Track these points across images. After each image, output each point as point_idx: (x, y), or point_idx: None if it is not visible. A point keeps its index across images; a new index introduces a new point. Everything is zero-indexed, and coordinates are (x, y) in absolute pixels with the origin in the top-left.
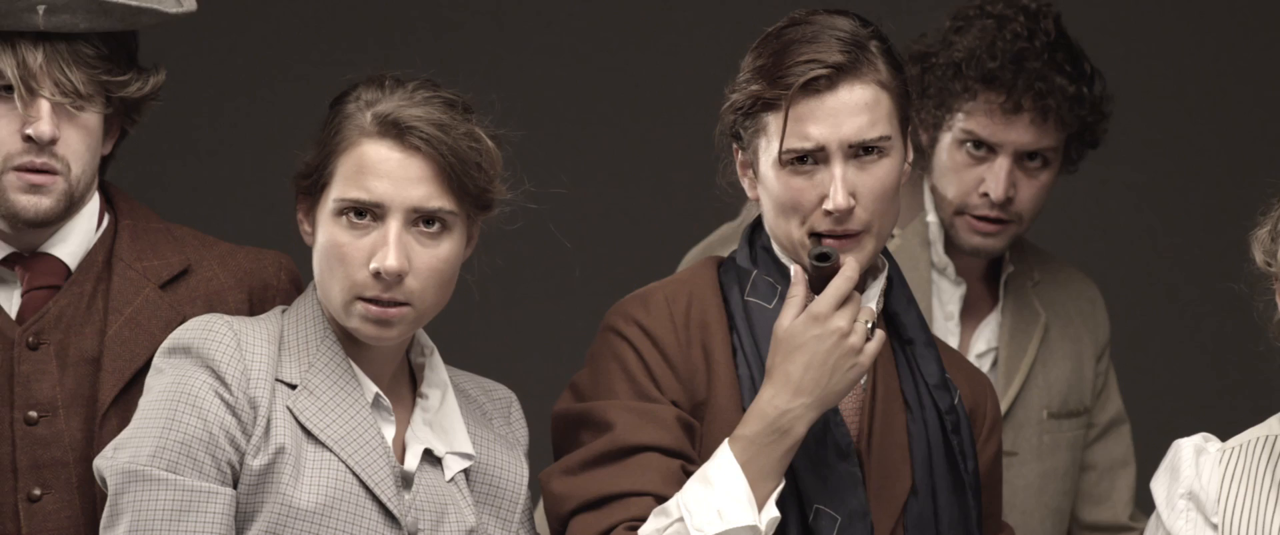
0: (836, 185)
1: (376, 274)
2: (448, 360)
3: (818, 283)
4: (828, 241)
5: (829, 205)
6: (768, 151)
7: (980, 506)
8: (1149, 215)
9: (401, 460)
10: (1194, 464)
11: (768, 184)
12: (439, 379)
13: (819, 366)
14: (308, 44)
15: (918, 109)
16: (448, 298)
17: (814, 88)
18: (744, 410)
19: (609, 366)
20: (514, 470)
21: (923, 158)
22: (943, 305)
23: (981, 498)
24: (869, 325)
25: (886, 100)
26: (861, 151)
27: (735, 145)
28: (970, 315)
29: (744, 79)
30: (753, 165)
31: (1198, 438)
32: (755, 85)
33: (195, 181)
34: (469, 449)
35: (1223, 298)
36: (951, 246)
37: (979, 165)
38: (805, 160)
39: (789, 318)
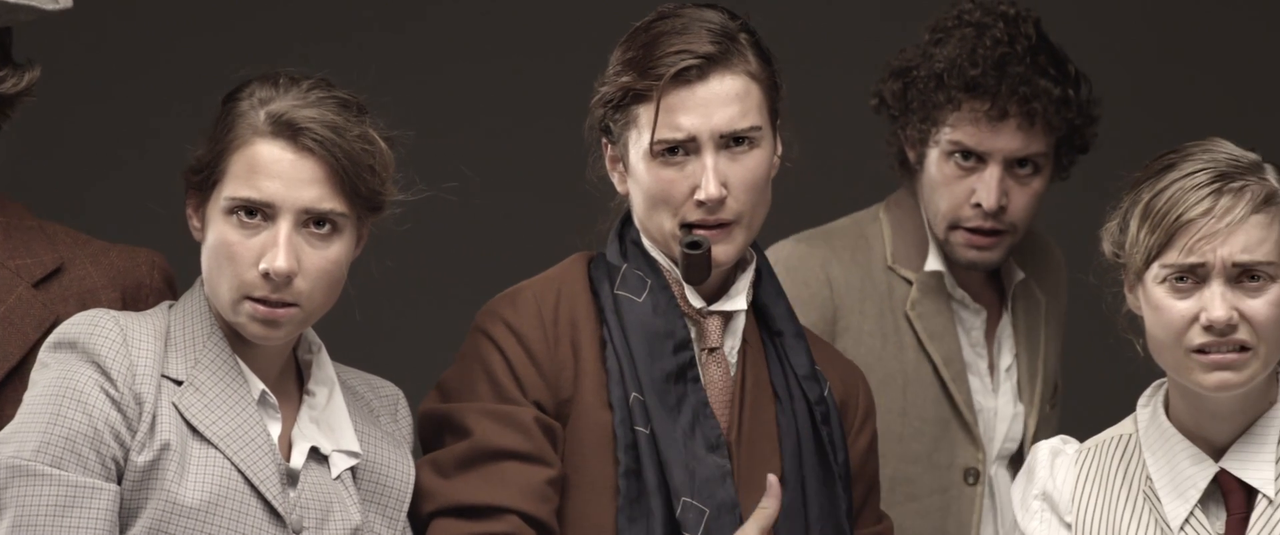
0: (708, 175)
1: (266, 275)
2: (335, 357)
3: (688, 272)
4: (699, 232)
5: (701, 195)
6: (638, 143)
7: (851, 498)
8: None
9: (287, 458)
10: (1049, 466)
11: (638, 176)
12: (326, 376)
13: None
14: (182, 39)
15: (902, 126)
16: (336, 297)
17: (685, 78)
18: (611, 405)
19: (473, 367)
20: (400, 468)
21: (912, 177)
22: (966, 333)
23: (854, 489)
24: None
25: (756, 91)
26: (733, 142)
27: (605, 139)
28: (988, 332)
29: (614, 72)
30: (623, 159)
31: (1056, 440)
32: (625, 77)
33: (68, 178)
34: (355, 447)
35: None
36: (949, 261)
37: (969, 176)
38: (676, 151)
39: None
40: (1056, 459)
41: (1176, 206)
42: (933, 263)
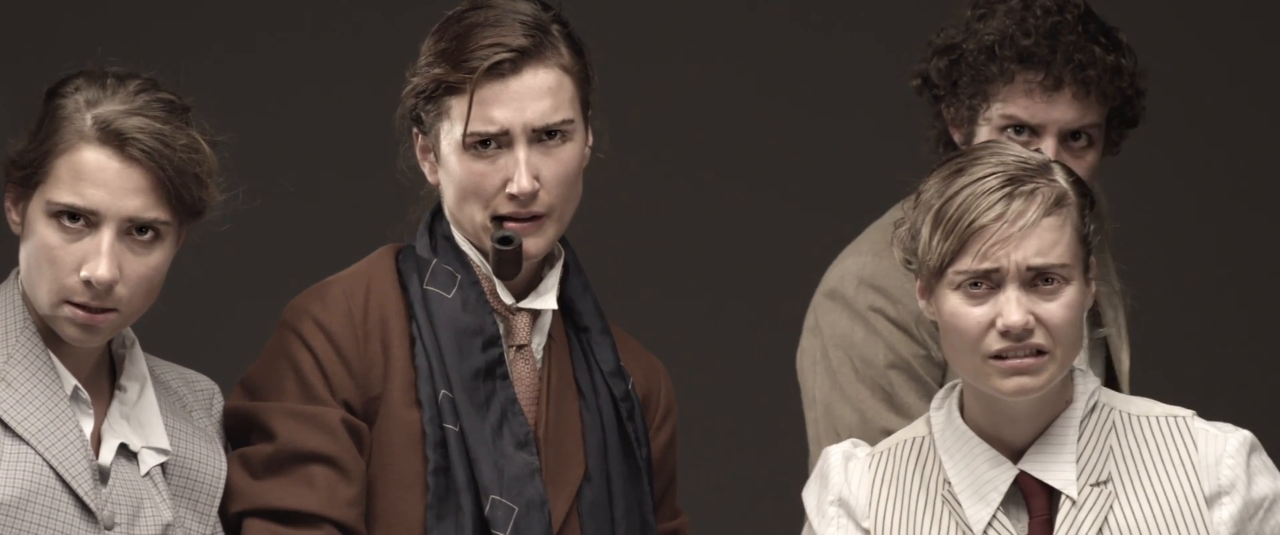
0: (521, 169)
1: (87, 282)
2: (152, 351)
3: (499, 267)
4: (510, 225)
5: (513, 189)
6: (450, 135)
7: (654, 492)
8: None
9: (98, 454)
10: (843, 470)
11: (450, 168)
12: (139, 372)
13: None
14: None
15: (949, 104)
16: (154, 300)
17: (498, 72)
18: (419, 402)
19: (280, 365)
20: (212, 463)
21: None
22: None
23: (655, 484)
24: None
25: (569, 84)
26: (545, 135)
27: (416, 129)
28: None
29: (425, 63)
30: (434, 149)
31: (846, 444)
32: (438, 69)
33: None
34: (164, 444)
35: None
36: None
37: None
38: (489, 144)
39: None
40: (849, 463)
41: (968, 212)
42: None
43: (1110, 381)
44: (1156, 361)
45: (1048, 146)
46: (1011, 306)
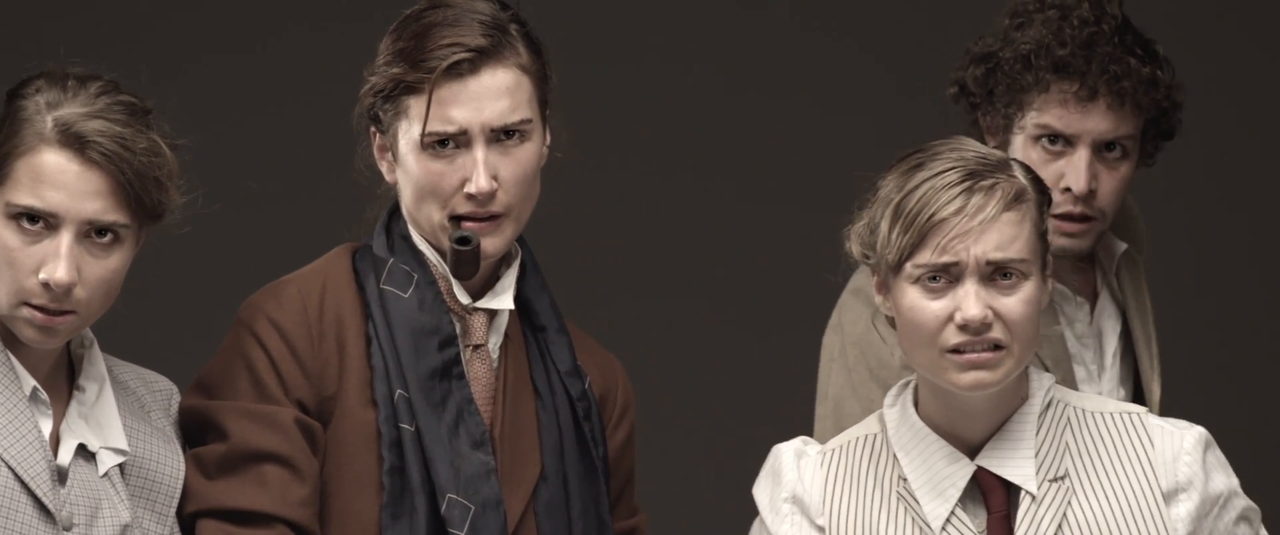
0: (479, 169)
1: (46, 284)
2: (110, 351)
3: (457, 267)
4: (468, 225)
5: (471, 188)
6: (408, 134)
7: (610, 491)
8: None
9: (57, 454)
10: (795, 468)
11: (408, 167)
12: (97, 372)
13: None
14: None
15: (984, 113)
16: (113, 302)
17: (456, 71)
18: (375, 401)
19: (234, 364)
20: (171, 463)
21: None
22: (1071, 325)
23: (612, 482)
24: None
25: (527, 83)
26: (504, 135)
27: (373, 128)
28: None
29: (384, 62)
30: (391, 148)
31: (797, 442)
32: (396, 68)
33: None
34: (123, 444)
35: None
36: None
37: (1057, 160)
38: (447, 144)
39: None
40: (801, 461)
41: (928, 206)
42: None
43: None
44: (1185, 394)
45: (1082, 157)
46: (970, 300)
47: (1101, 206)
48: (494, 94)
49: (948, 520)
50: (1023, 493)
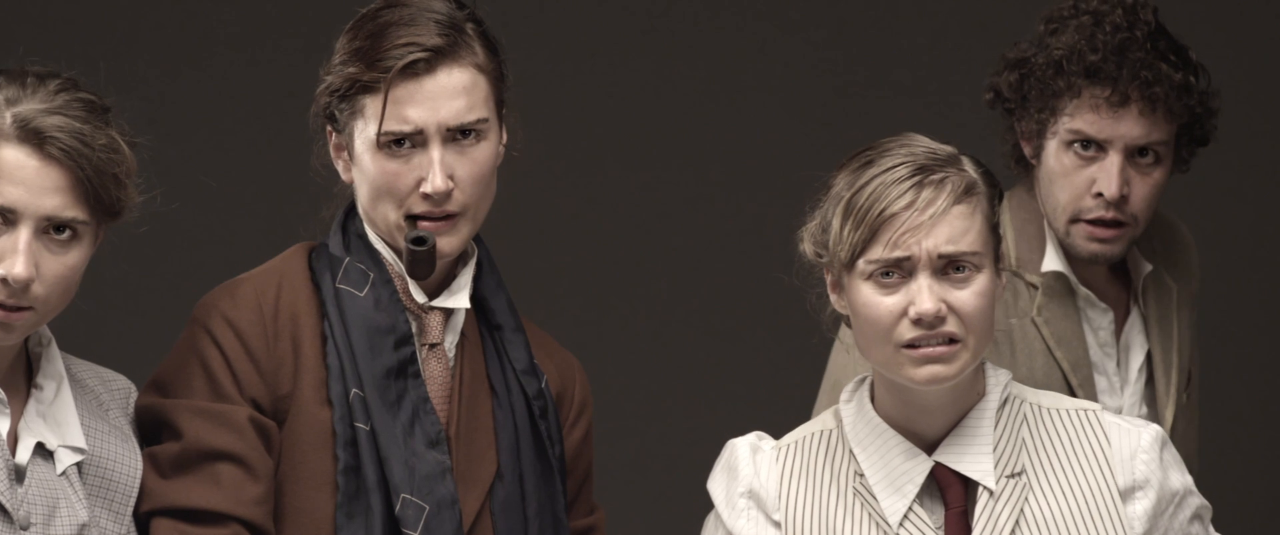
0: (435, 168)
1: (3, 280)
2: (68, 349)
3: (413, 267)
4: (424, 225)
5: (427, 188)
6: (364, 134)
7: (567, 490)
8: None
9: (15, 453)
10: (751, 462)
11: (364, 166)
12: (55, 370)
13: None
14: None
15: (1019, 118)
16: (71, 299)
17: (412, 71)
18: (330, 400)
19: (189, 362)
20: (128, 462)
21: (1029, 173)
22: (1094, 333)
23: (569, 480)
24: None
25: (484, 83)
26: (460, 134)
27: (329, 127)
28: (1115, 331)
29: (340, 61)
30: (347, 148)
31: (752, 436)
32: (352, 67)
33: None
34: (81, 443)
35: None
36: (1071, 258)
37: (1089, 166)
38: (403, 143)
39: None
40: (757, 455)
41: (879, 201)
42: (1051, 262)
43: None
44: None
45: (1113, 162)
46: (923, 294)
47: (1134, 212)
48: (450, 93)
49: (905, 516)
50: (980, 488)
